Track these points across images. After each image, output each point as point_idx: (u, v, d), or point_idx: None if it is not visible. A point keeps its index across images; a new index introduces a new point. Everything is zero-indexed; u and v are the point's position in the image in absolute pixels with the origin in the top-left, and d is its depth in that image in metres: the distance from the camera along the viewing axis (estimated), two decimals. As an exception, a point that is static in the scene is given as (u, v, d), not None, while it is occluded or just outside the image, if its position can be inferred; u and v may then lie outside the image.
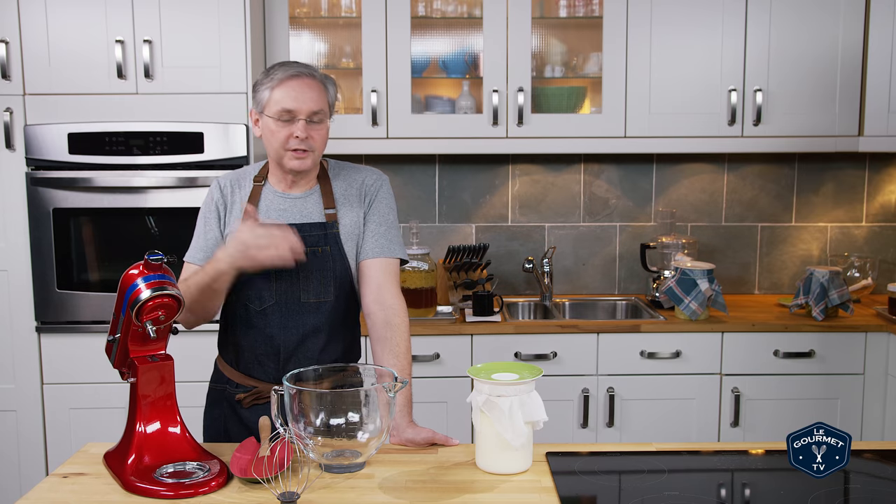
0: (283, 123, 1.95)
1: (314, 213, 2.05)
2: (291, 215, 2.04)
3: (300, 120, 1.95)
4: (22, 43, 2.96)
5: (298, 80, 1.95)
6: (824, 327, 3.11)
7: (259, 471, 1.63)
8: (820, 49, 3.26)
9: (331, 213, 2.06)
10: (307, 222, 2.04)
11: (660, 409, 3.13)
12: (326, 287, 2.03)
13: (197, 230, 2.10)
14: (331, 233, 2.04)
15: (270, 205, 2.05)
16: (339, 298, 2.06)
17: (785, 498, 1.64)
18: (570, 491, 1.66)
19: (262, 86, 1.98)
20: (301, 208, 2.05)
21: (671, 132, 3.29)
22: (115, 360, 1.79)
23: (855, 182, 3.66)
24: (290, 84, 1.95)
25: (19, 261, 3.04)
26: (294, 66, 1.98)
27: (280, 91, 1.94)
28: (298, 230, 2.01)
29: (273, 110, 1.95)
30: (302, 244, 1.88)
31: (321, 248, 2.03)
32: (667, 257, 3.45)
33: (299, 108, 1.94)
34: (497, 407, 1.70)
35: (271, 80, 1.96)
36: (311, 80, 1.97)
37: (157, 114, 3.00)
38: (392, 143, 3.27)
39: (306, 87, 1.95)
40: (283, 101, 1.94)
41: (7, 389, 3.09)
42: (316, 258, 2.02)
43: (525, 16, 3.23)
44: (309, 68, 2.00)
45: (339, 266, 2.05)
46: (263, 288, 2.01)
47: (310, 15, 3.38)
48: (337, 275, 2.04)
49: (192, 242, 2.09)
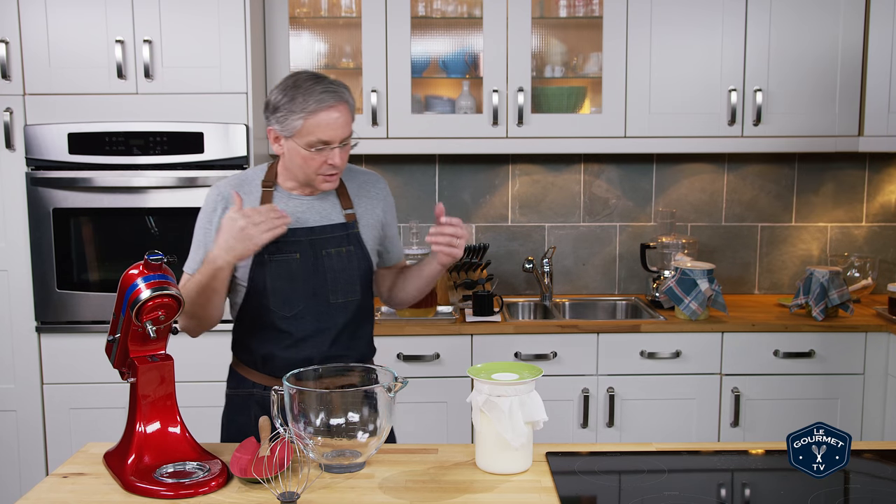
0: (317, 151, 1.92)
1: (333, 214, 2.05)
2: (311, 217, 2.03)
3: (335, 148, 1.92)
4: (22, 43, 2.96)
5: (334, 110, 1.89)
6: (824, 327, 3.11)
7: (259, 471, 1.63)
8: (820, 49, 3.26)
9: (350, 212, 2.06)
10: (329, 223, 2.03)
11: (660, 409, 3.13)
12: (353, 286, 2.04)
13: (196, 240, 2.05)
14: (352, 232, 2.05)
15: (286, 208, 2.02)
16: (364, 295, 2.08)
17: (785, 498, 1.64)
18: (570, 491, 1.66)
19: (292, 114, 1.90)
20: (319, 209, 2.04)
21: (671, 132, 3.29)
22: (115, 360, 1.79)
23: (855, 182, 3.66)
24: (327, 115, 1.89)
25: (19, 261, 3.04)
26: (324, 91, 1.90)
27: (314, 121, 1.89)
28: (321, 232, 2.01)
29: (307, 141, 1.90)
30: (288, 218, 1.88)
31: (345, 249, 2.03)
32: (667, 257, 3.45)
33: (335, 138, 1.91)
34: (497, 407, 1.70)
35: (304, 108, 1.89)
36: (343, 106, 1.92)
37: (157, 114, 3.00)
38: (392, 143, 3.27)
39: (340, 114, 1.91)
40: (318, 133, 1.90)
41: (7, 389, 3.09)
42: (341, 258, 2.02)
43: (525, 16, 3.23)
44: (338, 91, 1.92)
45: (363, 264, 2.06)
46: (291, 294, 2.00)
47: (310, 15, 3.38)
48: (362, 272, 2.06)
49: (192, 253, 2.05)
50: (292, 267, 1.99)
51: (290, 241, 1.99)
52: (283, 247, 1.99)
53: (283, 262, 1.99)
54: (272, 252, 1.98)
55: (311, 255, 2.01)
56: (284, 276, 1.99)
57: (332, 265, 2.01)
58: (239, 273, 2.02)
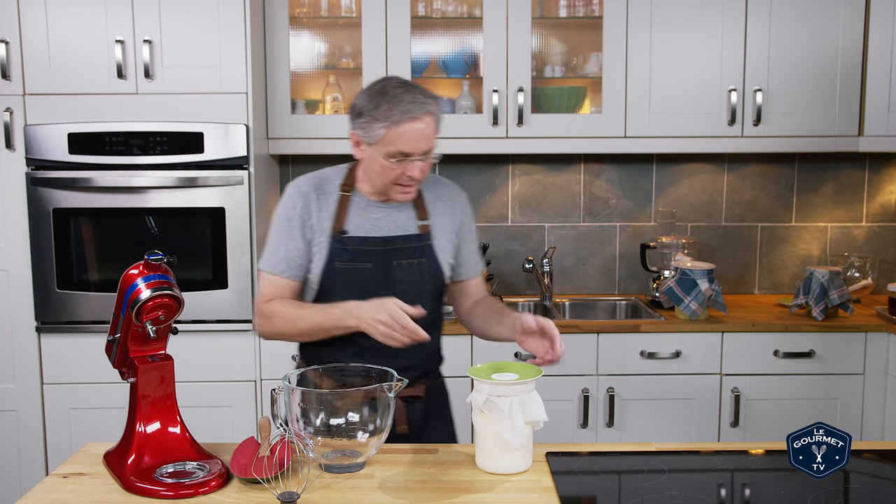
0: (397, 162, 1.88)
1: (408, 224, 2.02)
2: (386, 226, 2.00)
3: (415, 160, 1.88)
4: (22, 43, 2.96)
5: (418, 121, 1.85)
6: (824, 327, 3.11)
7: (259, 471, 1.63)
8: (820, 49, 3.26)
9: (424, 224, 2.03)
10: (402, 234, 2.00)
11: (660, 409, 3.13)
12: (423, 299, 1.99)
13: (276, 238, 2.01)
14: (426, 244, 2.02)
15: (363, 214, 1.99)
16: (433, 308, 2.04)
17: (785, 498, 1.64)
18: (570, 491, 1.66)
19: (376, 121, 1.86)
20: (395, 218, 2.01)
21: (671, 132, 3.29)
22: (115, 360, 1.79)
23: (855, 182, 3.66)
24: (410, 126, 1.85)
25: (19, 261, 3.04)
26: (411, 101, 1.85)
27: (397, 132, 1.85)
28: (394, 243, 1.99)
29: (387, 150, 1.87)
30: (427, 338, 1.80)
31: (417, 261, 2.00)
32: (667, 257, 3.45)
33: (416, 150, 1.87)
34: (497, 407, 1.70)
35: (388, 118, 1.84)
36: (429, 118, 1.87)
37: (157, 114, 3.00)
38: (392, 143, 3.26)
39: (424, 126, 1.86)
40: (399, 144, 1.85)
41: (7, 389, 3.08)
42: (412, 270, 2.00)
43: (525, 16, 3.23)
44: (425, 103, 1.86)
45: (434, 278, 2.03)
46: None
47: (310, 15, 3.38)
48: (433, 286, 2.03)
49: (271, 251, 2.01)
50: (363, 276, 1.97)
51: (363, 250, 1.97)
52: (356, 256, 1.97)
53: (355, 270, 1.96)
54: (344, 260, 1.96)
55: (382, 266, 1.98)
56: (354, 285, 1.96)
57: (403, 277, 1.99)
58: (312, 275, 2.00)
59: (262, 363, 3.08)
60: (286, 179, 3.60)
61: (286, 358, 3.07)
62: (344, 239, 1.97)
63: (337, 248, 1.97)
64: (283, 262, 1.99)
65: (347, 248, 1.97)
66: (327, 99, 3.40)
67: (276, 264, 1.99)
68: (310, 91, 3.45)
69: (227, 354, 3.07)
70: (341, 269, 1.97)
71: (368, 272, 1.97)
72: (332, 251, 1.97)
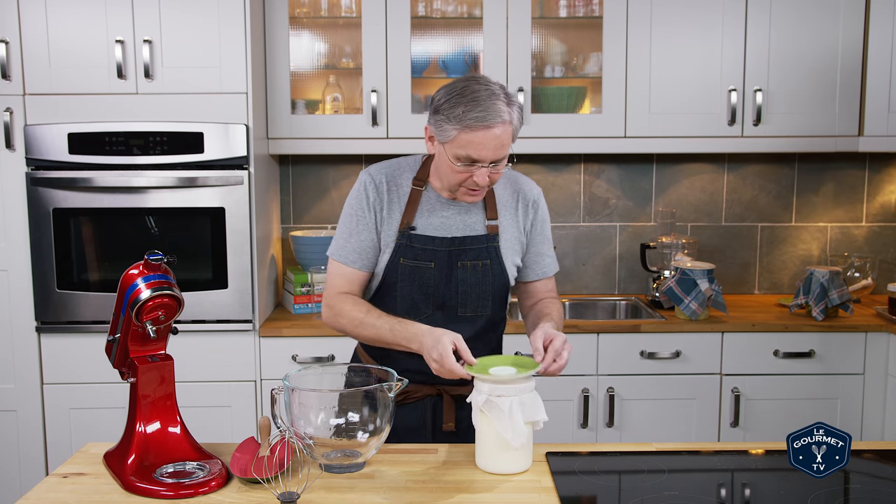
0: (464, 166, 1.84)
1: (476, 224, 1.99)
2: (454, 224, 1.97)
3: (483, 167, 1.83)
4: (22, 43, 2.96)
5: (488, 130, 1.78)
6: (824, 327, 3.11)
7: (259, 471, 1.63)
8: (820, 49, 3.26)
9: (493, 224, 2.00)
10: (469, 235, 1.98)
11: (660, 409, 3.13)
12: (484, 301, 1.99)
13: (347, 227, 1.98)
14: (492, 246, 1.99)
15: (433, 211, 1.97)
16: (494, 310, 2.03)
17: (785, 498, 1.64)
18: (570, 491, 1.66)
19: (448, 122, 1.81)
20: (464, 218, 1.98)
21: (671, 132, 3.29)
22: (115, 360, 1.79)
23: (855, 182, 3.66)
24: (483, 134, 1.79)
25: (19, 261, 3.04)
26: (487, 108, 1.78)
27: (467, 137, 1.79)
28: (460, 243, 1.97)
29: (456, 153, 1.82)
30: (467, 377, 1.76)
31: (481, 263, 1.98)
32: (667, 257, 3.45)
33: (484, 158, 1.81)
34: (497, 407, 1.70)
35: (461, 121, 1.79)
36: (503, 127, 1.79)
37: (157, 114, 3.00)
38: (392, 143, 3.26)
39: (495, 136, 1.79)
40: (468, 150, 1.80)
41: (7, 389, 3.08)
42: (475, 272, 1.97)
43: (525, 16, 3.23)
44: (498, 107, 1.78)
45: (498, 280, 2.00)
46: (420, 301, 1.97)
47: (310, 15, 3.38)
48: (496, 288, 2.00)
49: (341, 240, 1.99)
50: (425, 275, 1.95)
51: (428, 249, 1.95)
52: (421, 254, 1.95)
53: (418, 268, 1.95)
54: (409, 257, 1.95)
55: (446, 266, 1.96)
56: (416, 283, 1.95)
57: (466, 278, 1.97)
58: (377, 267, 2.00)
59: (262, 363, 3.08)
60: (286, 179, 3.60)
61: (286, 358, 3.07)
62: (412, 235, 1.95)
63: (403, 244, 1.95)
64: (355, 253, 1.97)
65: (414, 245, 1.95)
66: (327, 99, 3.40)
67: (347, 254, 1.97)
68: (310, 91, 3.45)
69: (227, 354, 3.07)
70: (405, 266, 1.95)
71: (431, 272, 1.96)
72: (398, 246, 1.96)
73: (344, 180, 3.61)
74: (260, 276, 3.13)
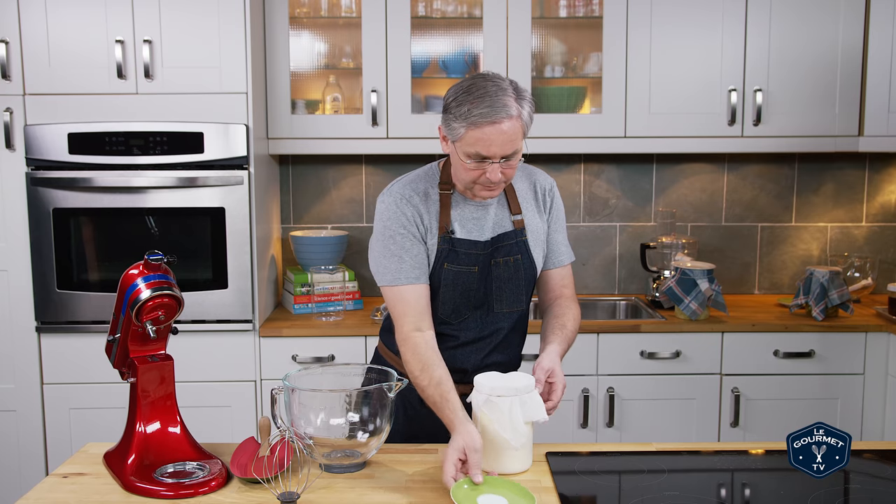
0: (475, 164, 1.83)
1: (504, 221, 1.99)
2: (485, 224, 1.97)
3: (494, 163, 1.82)
4: (22, 43, 2.96)
5: (499, 125, 1.77)
6: (824, 327, 3.11)
7: (259, 471, 1.63)
8: (820, 49, 3.26)
9: (518, 219, 2.00)
10: (502, 232, 1.98)
11: (660, 409, 3.13)
12: (519, 295, 2.00)
13: (394, 250, 1.92)
14: (521, 240, 2.00)
15: (464, 214, 1.96)
16: (528, 304, 2.06)
17: (785, 498, 1.64)
18: (570, 491, 1.66)
19: (456, 120, 1.81)
20: (494, 217, 1.98)
21: (671, 132, 3.29)
22: (115, 360, 1.79)
23: (855, 182, 3.66)
24: (491, 129, 1.77)
25: (19, 261, 3.04)
26: (492, 103, 1.78)
27: (474, 135, 1.79)
28: (494, 243, 1.96)
29: (466, 151, 1.82)
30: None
31: (513, 258, 1.99)
32: (667, 257, 3.45)
33: (494, 153, 1.80)
34: (497, 407, 1.70)
35: (468, 118, 1.78)
36: (511, 122, 1.79)
37: (156, 114, 3.00)
38: (392, 143, 3.27)
39: (504, 131, 1.78)
40: (477, 146, 1.80)
41: (7, 389, 3.08)
42: (508, 268, 1.98)
43: (525, 16, 3.23)
44: (507, 103, 1.78)
45: (529, 273, 2.01)
46: (462, 305, 1.97)
47: (310, 15, 3.38)
48: (528, 281, 2.02)
49: (395, 264, 1.91)
50: (468, 279, 1.95)
51: (472, 253, 1.95)
52: (464, 258, 1.94)
53: (461, 273, 1.94)
54: (452, 262, 1.94)
55: (484, 266, 1.97)
56: (459, 288, 1.95)
57: (500, 274, 1.97)
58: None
59: (262, 363, 3.08)
60: (286, 179, 3.60)
61: (286, 358, 3.07)
62: (454, 240, 1.94)
63: (446, 249, 1.94)
64: (415, 270, 1.92)
65: (457, 249, 1.94)
66: (327, 99, 3.40)
67: (408, 273, 1.91)
68: (310, 91, 3.45)
69: (227, 354, 3.07)
70: (449, 271, 1.94)
71: (474, 276, 1.95)
72: (441, 251, 1.94)
73: (344, 180, 3.61)
74: (260, 276, 3.13)
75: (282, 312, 3.33)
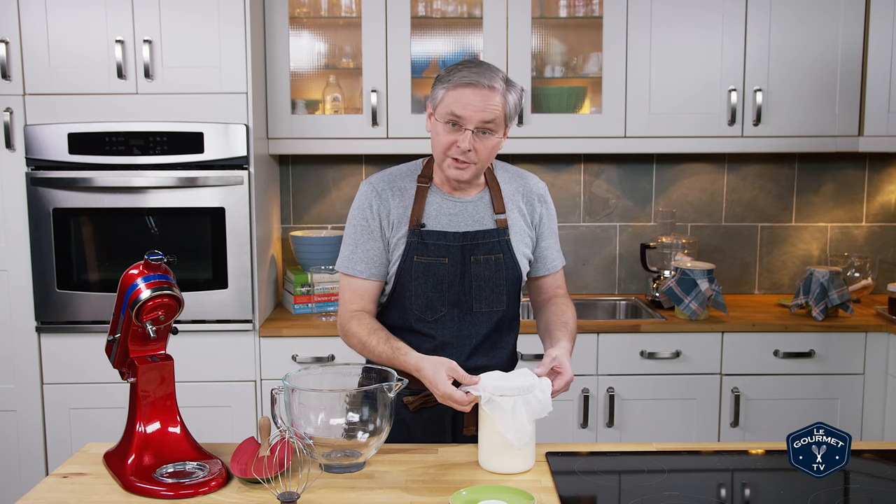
0: (450, 129, 1.86)
1: (485, 219, 1.99)
2: (462, 220, 1.98)
3: (468, 130, 1.85)
4: (22, 43, 2.96)
5: (475, 88, 1.83)
6: (824, 327, 3.11)
7: (259, 471, 1.63)
8: (820, 49, 3.26)
9: (501, 218, 2.00)
10: (481, 229, 1.98)
11: (660, 409, 3.13)
12: (499, 296, 1.99)
13: (352, 238, 1.99)
14: (503, 239, 1.99)
15: (440, 209, 1.97)
16: (510, 305, 2.03)
17: (785, 498, 1.64)
18: (570, 491, 1.66)
19: (439, 83, 1.88)
20: (473, 213, 1.99)
21: (671, 132, 3.29)
22: (115, 360, 1.79)
23: (855, 182, 3.66)
24: (465, 91, 1.84)
25: (19, 261, 3.04)
26: (477, 71, 1.86)
27: (453, 95, 1.84)
28: (472, 238, 1.96)
29: (442, 113, 1.86)
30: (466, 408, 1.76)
31: (494, 257, 1.98)
32: (667, 257, 3.45)
33: (469, 116, 1.84)
34: (500, 407, 1.70)
35: (449, 80, 1.86)
36: (489, 91, 1.84)
37: (156, 114, 3.00)
38: (392, 143, 3.27)
39: (482, 96, 1.84)
40: (452, 106, 1.84)
41: (7, 389, 3.08)
42: (489, 266, 1.97)
43: (525, 16, 3.23)
44: (491, 76, 1.86)
45: (511, 274, 2.00)
46: (435, 299, 1.96)
47: (310, 15, 3.38)
48: (510, 282, 2.00)
49: (349, 252, 1.99)
50: (439, 272, 1.95)
51: (441, 244, 1.95)
52: (434, 250, 1.94)
53: (431, 265, 1.94)
54: (422, 254, 1.94)
55: (459, 261, 1.96)
56: (430, 281, 1.94)
57: (480, 272, 1.97)
58: (391, 269, 1.99)
59: (262, 363, 3.08)
60: (286, 179, 3.60)
61: (286, 358, 3.07)
62: (423, 232, 1.95)
63: (415, 242, 1.95)
64: (363, 263, 1.97)
65: (426, 241, 1.94)
66: (327, 99, 3.40)
67: (356, 265, 1.97)
68: (310, 91, 3.45)
69: (227, 354, 3.07)
70: (419, 264, 1.95)
71: (445, 268, 1.95)
72: (409, 244, 1.95)
73: (344, 180, 3.61)
74: (260, 276, 3.13)
75: (282, 312, 3.33)
